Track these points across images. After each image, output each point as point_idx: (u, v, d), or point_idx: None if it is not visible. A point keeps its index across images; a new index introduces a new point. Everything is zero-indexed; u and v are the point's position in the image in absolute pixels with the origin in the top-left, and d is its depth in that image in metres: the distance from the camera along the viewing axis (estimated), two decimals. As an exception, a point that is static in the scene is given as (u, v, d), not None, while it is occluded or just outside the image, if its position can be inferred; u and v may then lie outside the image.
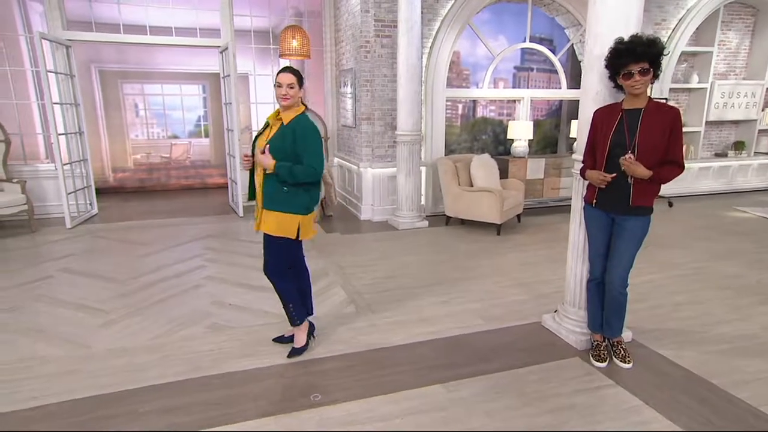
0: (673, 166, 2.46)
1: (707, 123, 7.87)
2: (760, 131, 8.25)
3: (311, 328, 3.02)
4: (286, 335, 3.02)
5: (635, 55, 2.35)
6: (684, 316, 3.45)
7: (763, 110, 8.10)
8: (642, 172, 2.41)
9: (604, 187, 2.56)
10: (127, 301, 3.65)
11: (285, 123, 2.62)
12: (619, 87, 2.55)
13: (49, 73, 5.42)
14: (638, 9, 2.58)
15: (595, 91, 2.71)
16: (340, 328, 3.23)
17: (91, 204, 6.49)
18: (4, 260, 4.57)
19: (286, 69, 2.63)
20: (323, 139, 5.36)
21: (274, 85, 2.61)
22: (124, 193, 8.45)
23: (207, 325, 3.27)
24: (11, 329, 3.19)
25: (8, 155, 5.66)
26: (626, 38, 2.43)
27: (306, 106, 2.78)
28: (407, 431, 2.22)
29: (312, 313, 3.08)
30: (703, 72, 7.68)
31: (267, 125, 2.72)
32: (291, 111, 2.64)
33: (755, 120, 8.04)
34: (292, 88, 2.56)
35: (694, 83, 7.65)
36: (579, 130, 2.86)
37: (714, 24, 7.42)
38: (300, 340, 2.90)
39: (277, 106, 2.71)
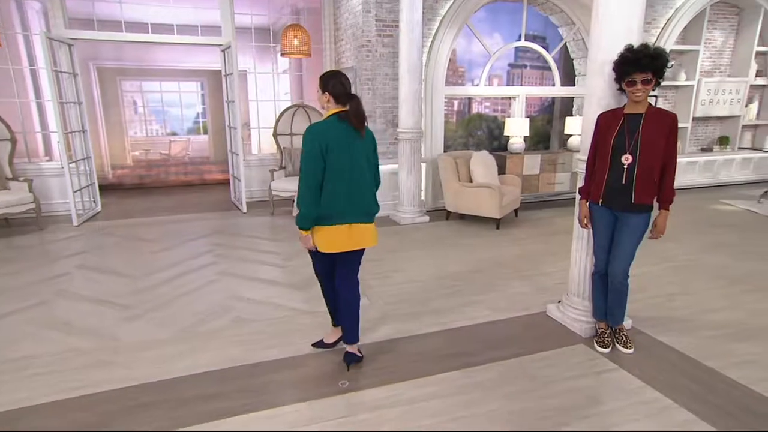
0: (670, 169, 2.69)
1: (694, 119, 8.17)
2: (744, 127, 8.61)
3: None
4: (326, 341, 3.02)
5: (640, 66, 2.53)
6: (678, 305, 3.68)
7: (746, 106, 8.44)
8: (664, 224, 2.77)
9: (584, 224, 2.98)
10: (146, 296, 3.77)
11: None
12: (622, 90, 2.74)
13: (51, 72, 5.46)
14: (639, 20, 2.76)
15: (598, 96, 2.90)
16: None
17: (95, 201, 6.55)
18: (17, 258, 4.65)
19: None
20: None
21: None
22: (123, 189, 8.50)
23: (231, 318, 3.41)
24: (41, 323, 3.31)
25: (14, 154, 5.70)
26: (635, 46, 2.61)
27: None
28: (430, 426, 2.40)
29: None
30: (690, 69, 7.95)
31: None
32: None
33: (739, 116, 8.37)
34: None
35: (681, 80, 7.91)
36: (583, 132, 3.05)
37: (701, 23, 7.69)
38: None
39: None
